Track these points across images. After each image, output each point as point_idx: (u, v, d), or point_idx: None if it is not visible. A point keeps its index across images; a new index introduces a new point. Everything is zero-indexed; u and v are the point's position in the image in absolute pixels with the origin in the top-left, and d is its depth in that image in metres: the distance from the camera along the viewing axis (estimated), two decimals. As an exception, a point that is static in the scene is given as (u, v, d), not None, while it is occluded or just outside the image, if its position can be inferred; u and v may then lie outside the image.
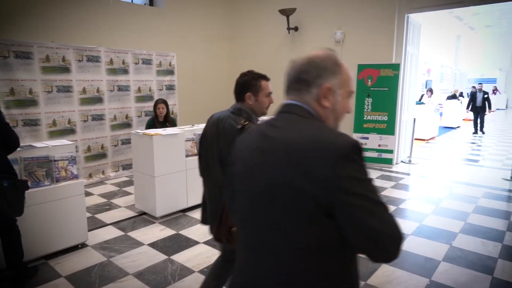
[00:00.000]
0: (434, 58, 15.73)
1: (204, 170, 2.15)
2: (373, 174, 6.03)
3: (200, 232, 3.72)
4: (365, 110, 6.49)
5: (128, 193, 5.00)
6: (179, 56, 6.95)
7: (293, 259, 0.97)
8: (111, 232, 3.73)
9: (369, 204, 0.91)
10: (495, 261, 3.14)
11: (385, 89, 6.31)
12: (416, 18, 6.57)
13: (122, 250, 3.33)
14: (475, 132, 11.17)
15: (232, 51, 8.80)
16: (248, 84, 2.02)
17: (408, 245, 3.43)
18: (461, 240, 3.56)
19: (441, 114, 12.86)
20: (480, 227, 3.86)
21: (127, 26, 6.52)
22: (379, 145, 6.46)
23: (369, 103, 6.44)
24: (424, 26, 7.24)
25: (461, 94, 15.06)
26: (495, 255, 3.24)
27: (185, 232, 3.73)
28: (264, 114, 2.10)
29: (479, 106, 10.88)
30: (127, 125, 5.97)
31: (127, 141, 5.89)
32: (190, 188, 4.31)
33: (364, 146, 6.55)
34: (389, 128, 6.39)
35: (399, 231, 0.92)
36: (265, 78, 2.06)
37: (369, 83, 6.39)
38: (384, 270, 2.98)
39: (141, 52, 6.07)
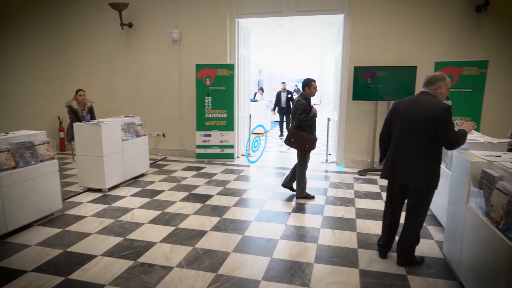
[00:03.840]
0: (264, 59, 17.62)
1: (290, 120, 4.73)
2: (217, 169, 6.34)
3: (29, 258, 3.15)
4: (206, 108, 6.73)
5: None
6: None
7: (423, 150, 2.78)
8: None
9: (450, 128, 2.68)
10: (318, 231, 3.77)
11: (222, 88, 6.70)
12: (246, 24, 7.19)
13: None
14: (281, 135, 10.46)
15: (59, 44, 7.69)
16: (306, 83, 4.52)
17: (252, 231, 3.77)
18: (293, 219, 4.13)
19: (272, 110, 14.49)
20: (307, 205, 4.57)
21: None
22: (221, 141, 6.83)
23: (209, 102, 6.72)
24: (254, 30, 7.99)
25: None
26: (318, 226, 3.90)
27: (6, 263, 3.08)
28: (313, 96, 4.56)
29: (284, 107, 10.14)
30: None
31: None
32: (11, 208, 3.57)
33: (207, 143, 6.80)
34: (228, 125, 6.82)
35: (461, 143, 2.76)
36: (314, 81, 4.54)
37: (208, 82, 6.65)
38: (233, 258, 3.18)
39: None
